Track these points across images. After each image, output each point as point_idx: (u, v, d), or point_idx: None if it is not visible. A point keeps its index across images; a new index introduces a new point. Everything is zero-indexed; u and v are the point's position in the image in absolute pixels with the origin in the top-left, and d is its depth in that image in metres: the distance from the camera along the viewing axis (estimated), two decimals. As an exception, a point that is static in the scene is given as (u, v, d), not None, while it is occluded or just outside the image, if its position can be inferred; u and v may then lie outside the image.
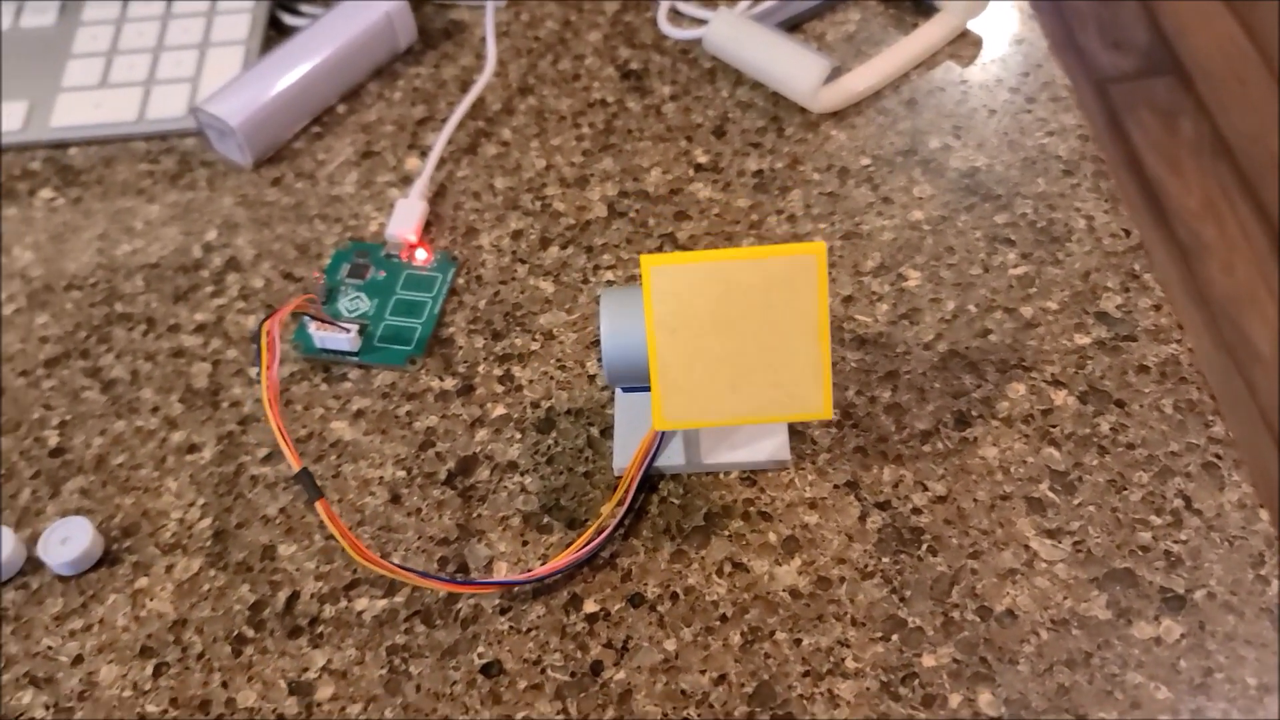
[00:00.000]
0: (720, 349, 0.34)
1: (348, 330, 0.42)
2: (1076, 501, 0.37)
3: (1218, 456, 0.37)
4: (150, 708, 0.35)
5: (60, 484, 0.41)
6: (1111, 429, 0.38)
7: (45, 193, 0.51)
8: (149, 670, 0.36)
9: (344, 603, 0.37)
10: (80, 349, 0.45)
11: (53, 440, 0.42)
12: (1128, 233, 0.43)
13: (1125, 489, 0.37)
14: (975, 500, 0.37)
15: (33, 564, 0.39)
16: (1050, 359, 0.40)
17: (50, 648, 0.37)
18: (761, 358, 0.34)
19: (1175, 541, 0.35)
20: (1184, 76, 1.61)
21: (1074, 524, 0.36)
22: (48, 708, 0.36)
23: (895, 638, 0.35)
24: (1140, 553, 0.35)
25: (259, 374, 0.35)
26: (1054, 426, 0.38)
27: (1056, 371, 0.40)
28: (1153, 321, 0.41)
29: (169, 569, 0.38)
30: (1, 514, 0.40)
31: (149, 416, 0.43)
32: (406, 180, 0.50)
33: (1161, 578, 0.35)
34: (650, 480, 0.39)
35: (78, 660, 0.37)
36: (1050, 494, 0.37)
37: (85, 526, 0.38)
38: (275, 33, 0.57)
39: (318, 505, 0.34)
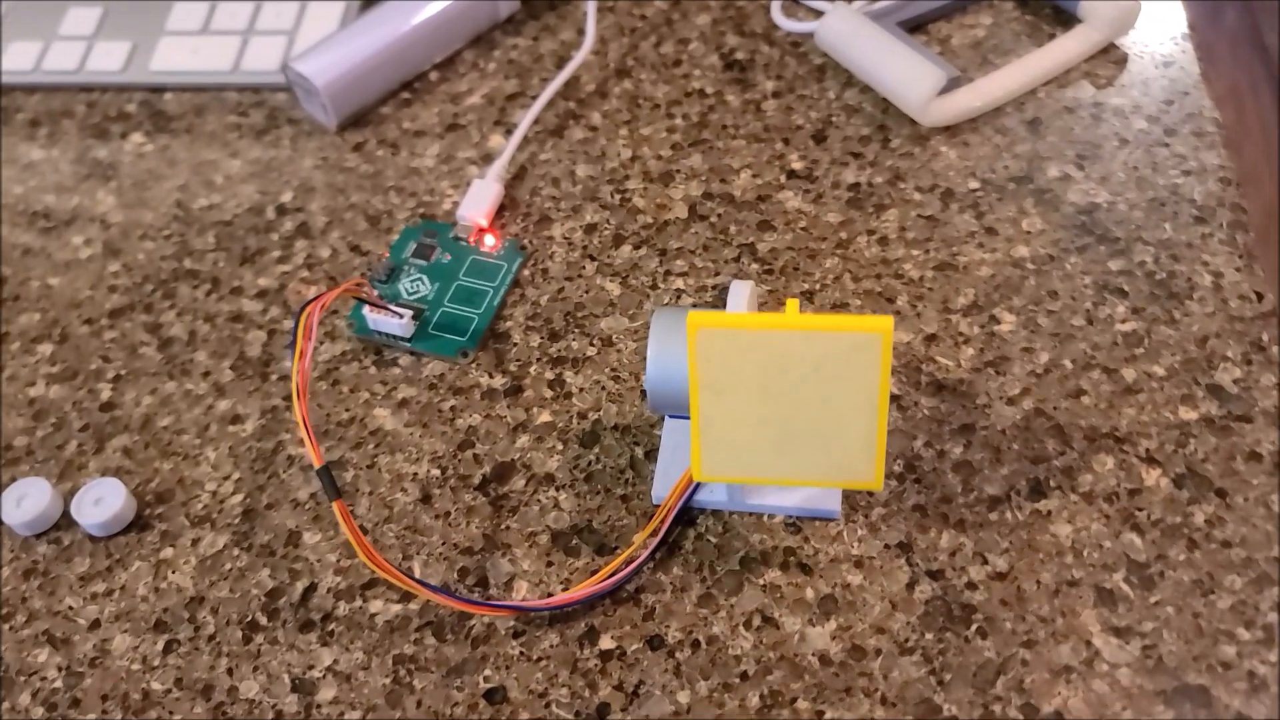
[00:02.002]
0: (767, 414, 0.31)
1: (401, 315, 0.41)
2: (1154, 599, 0.33)
3: (1326, 570, 0.33)
4: (155, 685, 0.35)
5: (106, 440, 0.41)
6: (1207, 521, 0.34)
7: (137, 137, 0.51)
8: (160, 646, 0.36)
9: (359, 602, 0.36)
10: (145, 303, 0.45)
11: (105, 394, 0.42)
12: (1260, 296, 0.39)
13: (1213, 593, 0.33)
14: (1039, 582, 0.34)
15: (67, 519, 0.39)
16: (1148, 432, 0.36)
17: (71, 608, 0.37)
18: (811, 426, 0.31)
19: (1263, 662, 0.31)
20: (1376, 89, 1.48)
21: (1147, 624, 0.32)
22: (59, 669, 0.36)
23: (927, 725, 0.32)
24: (1220, 669, 0.31)
25: (292, 358, 0.34)
26: (1140, 510, 0.35)
27: (1153, 447, 0.36)
28: (1274, 402, 0.36)
29: (195, 542, 0.38)
30: (45, 464, 0.41)
31: (199, 381, 0.42)
32: (488, 158, 0.48)
33: (1241, 702, 0.31)
34: (688, 513, 0.36)
35: (95, 625, 0.36)
36: (1125, 586, 0.33)
37: (119, 489, 0.38)
38: (379, -10, 0.55)
39: (334, 506, 0.33)
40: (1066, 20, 0.48)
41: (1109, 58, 0.47)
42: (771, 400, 0.31)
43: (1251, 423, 0.36)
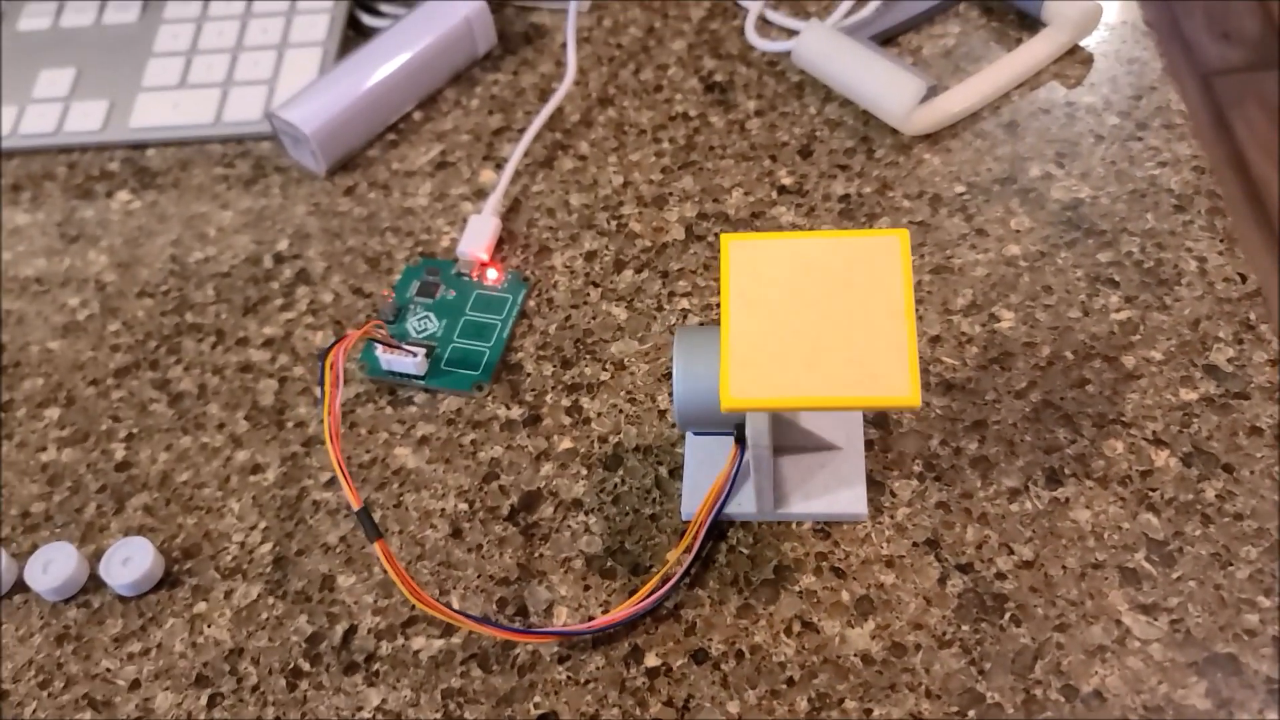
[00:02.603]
0: (797, 324, 0.32)
1: (414, 354, 0.41)
2: (1175, 575, 0.34)
3: (1335, 534, 0.34)
4: (204, 740, 0.35)
5: (125, 500, 0.41)
6: (1217, 496, 0.36)
7: (123, 195, 0.51)
8: (204, 700, 0.36)
9: (401, 640, 0.36)
10: (150, 359, 0.45)
11: (119, 454, 0.42)
12: (1244, 278, 0.40)
13: (1231, 564, 0.34)
14: (1064, 567, 0.35)
15: (95, 581, 0.39)
16: (1152, 415, 0.37)
17: (109, 670, 0.37)
18: (841, 335, 0.31)
19: (1284, 626, 0.33)
20: (1296, 71, 1.53)
21: (1172, 600, 0.34)
22: (104, 733, 0.35)
23: (972, 714, 0.33)
24: (1246, 637, 0.33)
25: (322, 404, 0.34)
26: (1154, 490, 0.36)
27: (1159, 429, 0.37)
28: (1268, 378, 0.38)
29: (228, 594, 0.38)
30: (67, 528, 0.40)
31: (214, 433, 0.42)
32: (480, 193, 0.48)
33: (1269, 667, 0.32)
34: (719, 527, 0.37)
35: (135, 685, 0.36)
36: (1147, 565, 0.35)
37: (146, 548, 0.38)
38: (354, 33, 0.56)
39: (376, 546, 0.33)
40: (1031, 24, 0.50)
41: (1075, 58, 0.49)
42: (801, 307, 0.32)
43: (1249, 399, 0.37)
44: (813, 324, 0.32)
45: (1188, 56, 1.58)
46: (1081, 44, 0.49)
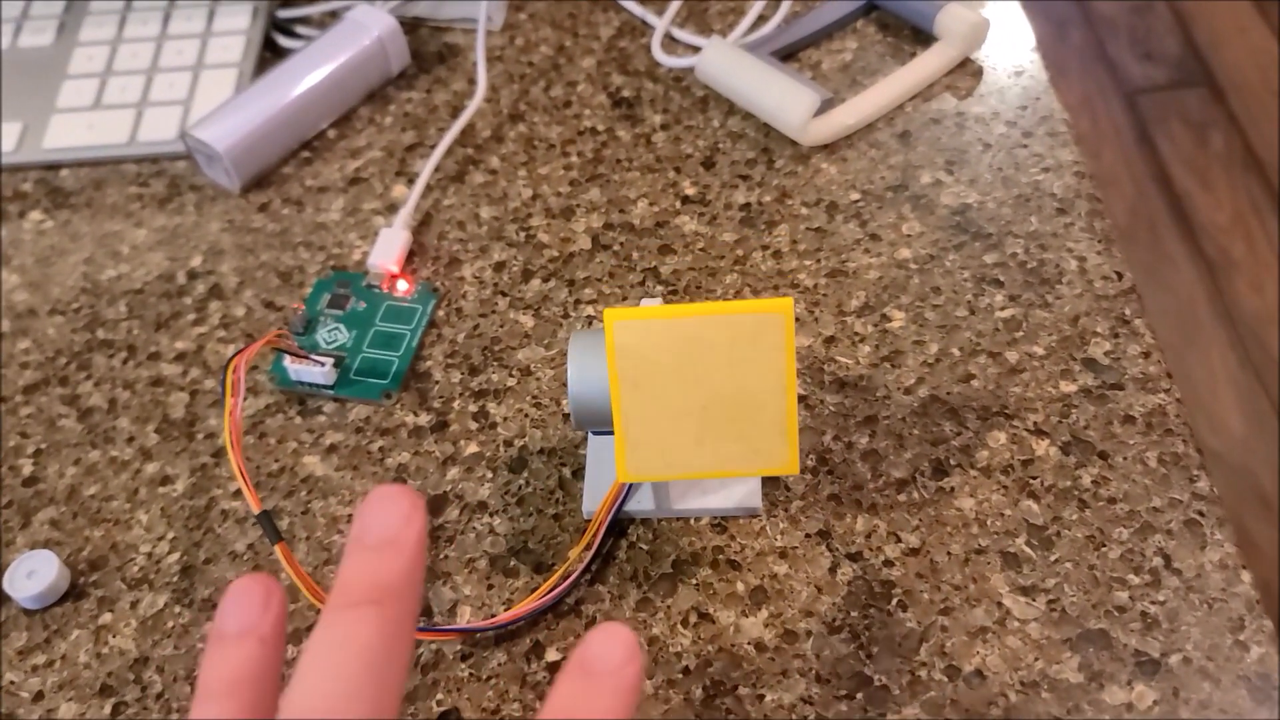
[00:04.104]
0: (685, 403, 0.33)
1: (322, 364, 0.42)
2: (1053, 558, 0.36)
3: (1200, 514, 0.36)
4: (107, 748, 0.35)
5: (31, 514, 0.41)
6: (1093, 482, 0.37)
7: (35, 215, 0.52)
8: (107, 710, 0.36)
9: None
10: (60, 376, 0.45)
11: (26, 469, 0.42)
12: (1120, 275, 0.42)
13: (1104, 546, 0.36)
14: (949, 554, 0.36)
15: (0, 595, 0.39)
16: (1034, 407, 0.39)
17: (13, 682, 0.37)
18: (727, 413, 0.33)
19: (1153, 602, 0.34)
20: (1216, 89, 1.59)
21: (1049, 581, 0.35)
22: (7, 744, 0.35)
23: (860, 696, 0.34)
24: (1116, 613, 0.34)
25: (223, 410, 0.35)
26: (1034, 478, 0.37)
27: (1039, 420, 0.39)
28: (1141, 370, 0.40)
29: (134, 605, 0.38)
30: (-27, 544, 0.40)
31: (124, 447, 0.42)
32: (392, 208, 0.49)
33: (1137, 640, 0.34)
34: (619, 524, 0.38)
35: (39, 696, 0.36)
36: (1027, 549, 0.36)
37: (51, 560, 0.38)
38: (270, 54, 0.57)
39: (277, 549, 0.34)
40: (924, 39, 0.52)
41: (966, 71, 0.51)
42: (688, 388, 0.33)
43: (1124, 389, 0.39)
44: (700, 401, 0.33)
45: (1113, 76, 1.63)
46: (972, 57, 0.51)
